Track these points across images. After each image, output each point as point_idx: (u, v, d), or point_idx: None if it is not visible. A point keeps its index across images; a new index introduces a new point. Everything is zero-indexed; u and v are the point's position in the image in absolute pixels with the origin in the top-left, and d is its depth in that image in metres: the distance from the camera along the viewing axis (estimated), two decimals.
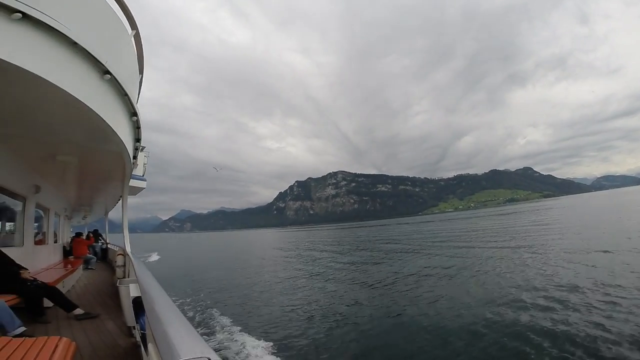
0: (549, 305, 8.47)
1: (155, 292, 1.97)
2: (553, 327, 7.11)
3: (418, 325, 8.21)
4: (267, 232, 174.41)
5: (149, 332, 1.94)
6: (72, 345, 2.70)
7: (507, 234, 27.39)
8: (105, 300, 6.09)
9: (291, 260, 26.11)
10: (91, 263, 10.87)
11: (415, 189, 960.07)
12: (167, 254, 43.27)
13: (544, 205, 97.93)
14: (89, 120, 2.99)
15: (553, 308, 8.26)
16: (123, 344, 3.79)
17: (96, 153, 4.49)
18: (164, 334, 1.07)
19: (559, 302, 8.61)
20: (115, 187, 7.59)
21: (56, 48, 2.32)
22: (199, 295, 13.95)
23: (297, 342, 7.82)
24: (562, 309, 8.10)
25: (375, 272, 16.36)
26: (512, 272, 12.74)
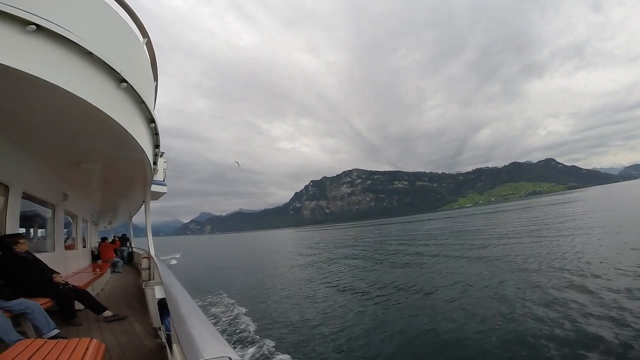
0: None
1: (179, 293, 2.01)
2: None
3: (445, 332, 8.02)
4: (284, 232, 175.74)
5: (173, 332, 1.97)
6: (102, 346, 2.79)
7: (527, 229, 26.43)
8: (132, 303, 6.28)
9: (309, 259, 26.15)
10: (118, 266, 11.26)
11: (433, 185, 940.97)
12: (189, 255, 44.32)
13: (568, 198, 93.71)
14: (110, 128, 3.06)
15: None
16: (149, 344, 3.89)
17: (118, 160, 4.62)
18: (187, 334, 1.10)
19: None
20: (138, 193, 7.82)
21: (73, 59, 2.38)
22: (220, 295, 14.16)
23: (315, 343, 7.79)
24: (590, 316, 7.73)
25: (395, 274, 16.19)
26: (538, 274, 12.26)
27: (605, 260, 11.85)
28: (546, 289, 9.60)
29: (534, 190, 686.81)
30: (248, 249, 49.96)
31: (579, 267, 11.54)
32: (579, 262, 12.33)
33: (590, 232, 19.63)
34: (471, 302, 9.43)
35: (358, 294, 12.26)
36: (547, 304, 8.34)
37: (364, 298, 11.49)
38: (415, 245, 27.21)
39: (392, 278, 14.37)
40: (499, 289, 10.25)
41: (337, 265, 20.69)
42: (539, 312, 7.87)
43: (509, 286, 10.46)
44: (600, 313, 7.34)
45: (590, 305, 7.84)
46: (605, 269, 10.75)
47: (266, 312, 10.80)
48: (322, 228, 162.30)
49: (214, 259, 36.48)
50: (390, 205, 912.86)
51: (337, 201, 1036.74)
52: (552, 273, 11.23)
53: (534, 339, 6.55)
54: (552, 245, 16.72)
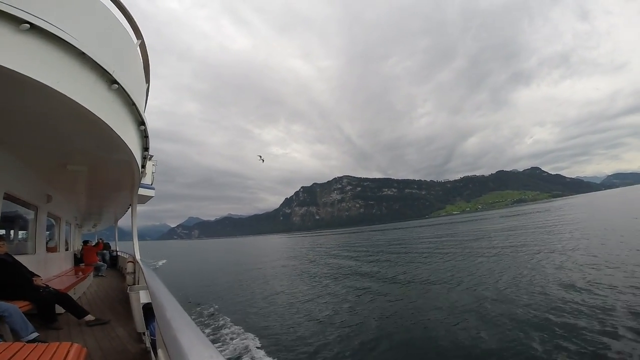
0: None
1: (165, 298, 1.96)
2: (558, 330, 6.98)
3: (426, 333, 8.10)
4: (273, 238, 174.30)
5: (159, 338, 1.95)
6: (83, 351, 2.74)
7: (508, 236, 27.00)
8: (116, 307, 6.15)
9: (297, 265, 26.04)
10: (101, 270, 11.00)
11: (421, 192, 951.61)
12: (175, 260, 43.49)
13: (551, 206, 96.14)
14: (98, 129, 3.03)
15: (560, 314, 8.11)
16: (133, 349, 3.82)
17: (106, 162, 4.57)
18: (174, 339, 1.08)
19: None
20: (124, 196, 7.70)
21: (64, 58, 2.36)
22: (208, 301, 13.96)
23: (302, 349, 7.76)
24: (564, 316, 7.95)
25: (380, 277, 16.26)
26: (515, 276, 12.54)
27: (584, 265, 12.24)
28: (527, 292, 9.85)
29: (519, 198, 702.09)
30: (236, 255, 49.33)
31: (558, 271, 11.89)
32: (557, 266, 12.72)
33: (569, 238, 20.24)
34: (457, 307, 9.58)
35: (346, 299, 12.29)
36: (528, 308, 8.55)
37: (352, 303, 11.52)
38: (403, 251, 27.43)
39: (380, 284, 14.44)
40: (485, 292, 10.47)
41: (326, 271, 20.67)
42: (520, 315, 8.07)
43: (491, 289, 10.69)
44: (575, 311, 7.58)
45: (566, 304, 8.10)
46: (583, 273, 11.09)
47: (254, 318, 10.69)
48: (312, 234, 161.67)
49: (201, 265, 35.88)
50: (379, 212, 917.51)
51: (327, 207, 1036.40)
52: (533, 278, 11.52)
53: (516, 342, 6.71)
54: (530, 253, 17.13)
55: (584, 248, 16.19)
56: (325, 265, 24.27)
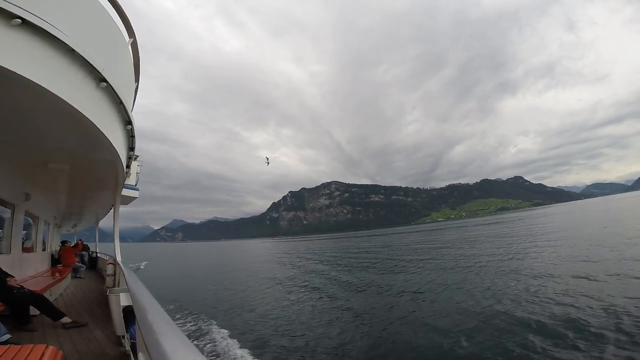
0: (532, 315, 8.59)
1: (147, 301, 1.91)
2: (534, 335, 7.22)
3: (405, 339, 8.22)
4: (260, 242, 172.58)
5: (139, 341, 1.93)
6: (59, 353, 2.68)
7: (488, 243, 27.69)
8: (94, 309, 6.00)
9: (283, 270, 25.89)
10: (80, 272, 10.70)
11: (407, 199, 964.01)
12: (158, 263, 42.47)
13: (532, 214, 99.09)
14: (83, 128, 2.98)
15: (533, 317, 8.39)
16: (112, 353, 3.75)
17: (89, 161, 4.48)
18: (156, 342, 1.05)
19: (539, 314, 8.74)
20: (107, 196, 7.53)
21: (53, 54, 2.33)
22: (191, 304, 13.73)
23: (289, 353, 7.77)
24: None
25: (365, 282, 16.37)
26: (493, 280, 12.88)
27: (559, 270, 12.69)
28: (506, 294, 10.15)
29: (502, 207, 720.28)
30: (221, 259, 48.60)
31: (531, 275, 12.30)
32: (531, 270, 13.15)
33: (544, 245, 20.93)
34: (433, 310, 9.76)
35: (331, 304, 12.32)
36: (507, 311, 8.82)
37: (336, 308, 11.57)
38: (387, 258, 27.68)
39: (364, 289, 14.55)
40: (462, 296, 10.69)
41: (312, 276, 20.66)
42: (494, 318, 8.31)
43: (467, 292, 10.94)
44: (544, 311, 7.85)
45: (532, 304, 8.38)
46: (557, 277, 11.50)
47: (238, 323, 10.58)
48: (300, 239, 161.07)
49: (184, 268, 35.17)
50: (366, 218, 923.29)
51: (315, 212, 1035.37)
52: (509, 281, 11.87)
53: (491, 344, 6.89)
54: (508, 256, 17.66)
55: (552, 256, 16.79)
56: (311, 270, 24.23)
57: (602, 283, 10.52)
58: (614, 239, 20.05)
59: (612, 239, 19.84)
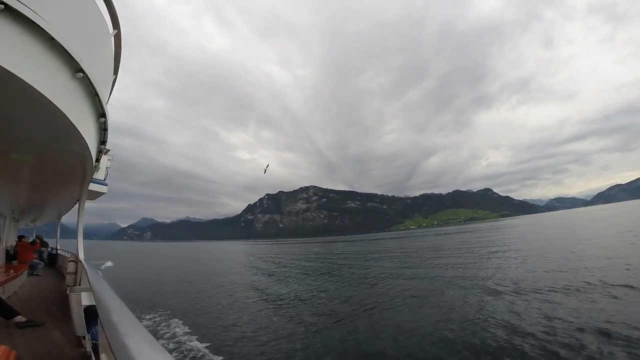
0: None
1: (111, 301, 1.88)
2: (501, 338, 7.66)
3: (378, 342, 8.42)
4: (233, 244, 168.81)
5: (103, 342, 1.90)
6: (12, 353, 2.56)
7: (454, 249, 28.88)
8: (52, 309, 5.71)
9: (257, 272, 25.58)
10: (37, 269, 10.07)
11: (383, 206, 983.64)
12: (123, 262, 40.53)
13: (497, 225, 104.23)
14: (52, 118, 2.87)
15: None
16: (71, 354, 3.63)
17: (56, 153, 4.27)
18: (122, 344, 1.03)
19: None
20: (72, 191, 7.19)
21: (31, 42, 2.27)
22: (158, 306, 13.26)
23: (255, 353, 7.74)
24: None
25: (341, 286, 16.55)
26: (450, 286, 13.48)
27: (521, 278, 13.48)
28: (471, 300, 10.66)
29: (471, 217, 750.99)
30: (191, 259, 47.11)
31: (492, 281, 12.97)
32: (489, 277, 13.87)
33: (501, 254, 22.13)
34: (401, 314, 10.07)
35: (300, 306, 12.38)
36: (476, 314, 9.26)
37: (303, 310, 11.65)
38: (362, 262, 28.08)
39: (338, 292, 14.70)
40: (433, 303, 11.11)
41: (285, 279, 20.59)
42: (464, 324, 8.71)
43: (436, 300, 11.39)
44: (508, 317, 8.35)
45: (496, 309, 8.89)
46: (519, 285, 12.24)
47: (208, 325, 10.36)
48: (275, 242, 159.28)
49: (151, 268, 33.81)
50: (342, 224, 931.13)
51: (291, 216, 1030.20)
52: (480, 287, 12.46)
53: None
54: (475, 264, 18.50)
55: (512, 264, 17.81)
56: (285, 275, 24.13)
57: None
58: (561, 250, 21.57)
59: (559, 251, 21.34)
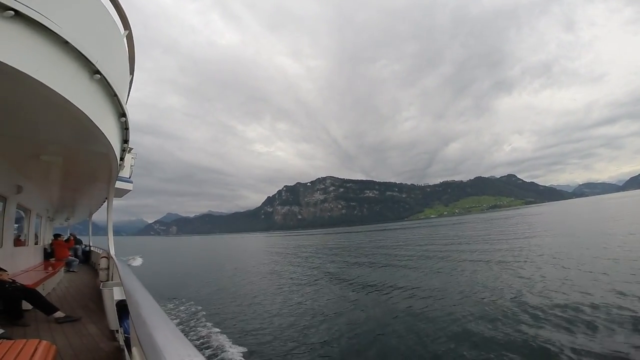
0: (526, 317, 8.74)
1: (141, 295, 1.92)
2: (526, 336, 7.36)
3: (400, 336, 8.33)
4: (255, 236, 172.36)
5: (133, 335, 1.91)
6: (52, 348, 2.66)
7: (478, 241, 28.05)
8: (87, 304, 5.96)
9: (278, 265, 25.95)
10: (73, 266, 10.59)
11: (402, 195, 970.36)
12: (152, 257, 42.24)
13: (523, 212, 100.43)
14: (76, 120, 2.94)
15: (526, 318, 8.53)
16: (106, 347, 3.74)
17: (82, 154, 4.40)
18: (150, 337, 1.05)
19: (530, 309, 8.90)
20: (100, 189, 7.44)
21: (46, 46, 2.29)
22: (186, 300, 13.67)
23: (281, 348, 7.80)
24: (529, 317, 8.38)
25: (362, 278, 16.48)
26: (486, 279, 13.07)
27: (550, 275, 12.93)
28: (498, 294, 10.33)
29: (494, 204, 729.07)
30: (216, 253, 48.50)
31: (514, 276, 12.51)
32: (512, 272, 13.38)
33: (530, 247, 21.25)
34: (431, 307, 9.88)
35: (324, 302, 12.40)
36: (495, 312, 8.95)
37: (331, 306, 11.64)
38: (380, 254, 27.90)
39: (361, 287, 14.65)
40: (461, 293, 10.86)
41: (308, 271, 20.73)
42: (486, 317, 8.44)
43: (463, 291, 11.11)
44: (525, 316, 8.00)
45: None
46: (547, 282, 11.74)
47: (234, 320, 10.54)
48: (296, 234, 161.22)
49: (179, 262, 35.10)
50: (360, 214, 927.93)
51: (309, 207, 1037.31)
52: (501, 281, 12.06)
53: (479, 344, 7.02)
54: (494, 257, 17.93)
55: (531, 256, 17.07)
56: (307, 266, 24.32)
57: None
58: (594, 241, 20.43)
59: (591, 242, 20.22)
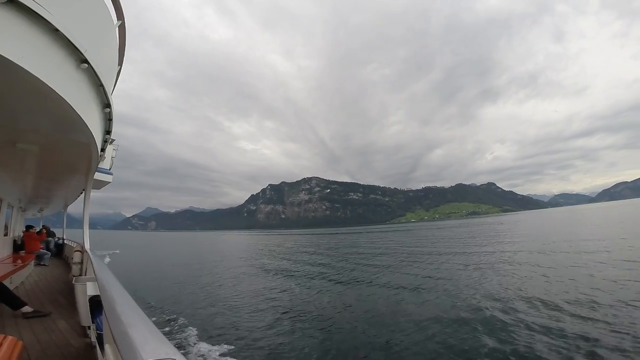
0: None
1: (116, 291, 1.90)
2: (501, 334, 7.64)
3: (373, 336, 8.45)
4: (237, 234, 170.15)
5: (107, 332, 1.89)
6: (18, 344, 2.56)
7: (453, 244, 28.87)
8: (58, 299, 5.75)
9: (258, 263, 25.77)
10: (44, 259, 10.17)
11: (385, 199, 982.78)
12: (128, 252, 41.04)
13: (499, 220, 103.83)
14: (58, 108, 2.88)
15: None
16: (76, 344, 3.63)
17: (62, 143, 4.26)
18: (125, 334, 1.03)
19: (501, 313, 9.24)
20: (78, 180, 7.18)
21: (35, 33, 2.25)
22: (163, 297, 13.39)
23: (260, 347, 7.78)
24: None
25: (340, 278, 16.60)
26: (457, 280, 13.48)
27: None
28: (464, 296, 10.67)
29: (473, 211, 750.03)
30: (197, 249, 47.60)
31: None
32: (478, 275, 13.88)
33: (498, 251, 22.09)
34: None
35: (303, 300, 12.45)
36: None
37: (311, 304, 11.70)
38: (363, 255, 28.22)
39: (340, 285, 14.79)
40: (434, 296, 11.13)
41: (289, 270, 20.71)
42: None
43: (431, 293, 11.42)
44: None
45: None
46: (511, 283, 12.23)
47: (212, 318, 10.40)
48: (278, 233, 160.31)
49: (156, 259, 34.23)
50: (344, 216, 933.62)
51: (294, 207, 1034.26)
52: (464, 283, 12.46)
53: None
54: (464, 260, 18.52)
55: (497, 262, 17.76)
56: (289, 265, 24.26)
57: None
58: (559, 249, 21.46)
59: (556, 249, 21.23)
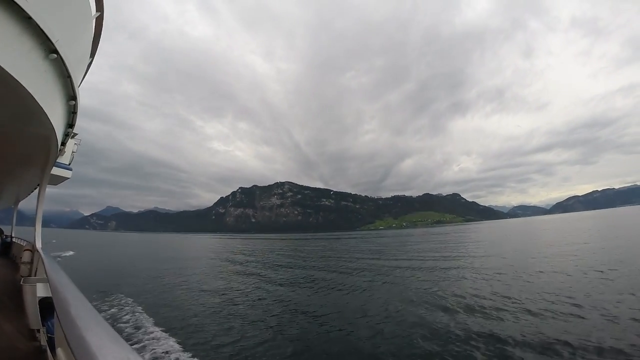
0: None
1: (70, 292, 1.78)
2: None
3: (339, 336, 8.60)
4: (203, 237, 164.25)
5: (59, 335, 1.81)
6: None
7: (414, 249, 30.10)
8: (3, 300, 5.32)
9: (223, 267, 25.15)
10: None
11: (356, 206, 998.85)
12: (85, 253, 38.34)
13: (459, 228, 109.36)
14: (17, 98, 2.76)
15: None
16: (24, 347, 3.42)
17: (18, 134, 4.02)
18: (81, 338, 0.97)
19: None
20: (33, 174, 6.73)
21: (5, 20, 2.17)
22: (121, 299, 12.75)
23: (221, 348, 7.70)
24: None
25: (305, 282, 16.66)
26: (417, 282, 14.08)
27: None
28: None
29: (438, 220, 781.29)
30: (158, 251, 45.43)
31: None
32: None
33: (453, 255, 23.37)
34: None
35: (264, 301, 12.41)
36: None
37: (268, 307, 11.70)
38: (330, 260, 28.46)
39: (297, 288, 14.84)
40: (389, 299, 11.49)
41: (249, 274, 20.47)
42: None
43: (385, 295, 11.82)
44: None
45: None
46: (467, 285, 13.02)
47: (175, 320, 10.11)
48: (246, 237, 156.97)
49: (114, 260, 32.24)
50: (315, 221, 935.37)
51: (265, 211, 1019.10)
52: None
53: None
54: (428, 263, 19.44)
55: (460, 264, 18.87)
56: (252, 269, 23.91)
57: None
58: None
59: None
